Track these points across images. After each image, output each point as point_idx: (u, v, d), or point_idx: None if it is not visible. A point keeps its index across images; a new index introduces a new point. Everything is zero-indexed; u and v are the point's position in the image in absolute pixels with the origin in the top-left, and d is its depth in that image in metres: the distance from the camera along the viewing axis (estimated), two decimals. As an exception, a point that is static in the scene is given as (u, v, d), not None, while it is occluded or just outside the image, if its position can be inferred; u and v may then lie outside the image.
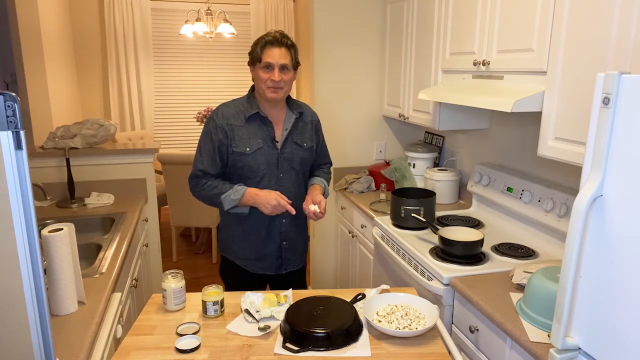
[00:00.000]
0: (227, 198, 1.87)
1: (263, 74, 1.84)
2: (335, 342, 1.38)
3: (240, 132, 1.89)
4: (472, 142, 2.65)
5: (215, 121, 1.89)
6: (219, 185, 1.89)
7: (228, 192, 1.87)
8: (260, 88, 1.88)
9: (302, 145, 1.99)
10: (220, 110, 1.92)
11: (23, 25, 3.59)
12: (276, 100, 1.90)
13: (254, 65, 1.88)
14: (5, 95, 0.89)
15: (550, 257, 1.89)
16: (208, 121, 1.92)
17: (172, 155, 3.90)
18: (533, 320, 1.42)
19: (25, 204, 0.93)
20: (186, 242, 4.75)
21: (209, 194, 1.89)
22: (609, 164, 0.99)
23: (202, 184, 1.90)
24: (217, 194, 1.88)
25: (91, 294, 1.63)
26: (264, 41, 1.85)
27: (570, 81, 1.52)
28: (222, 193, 1.88)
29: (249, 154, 1.89)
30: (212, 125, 1.89)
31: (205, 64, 5.54)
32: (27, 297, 0.96)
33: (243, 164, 1.89)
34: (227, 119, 1.90)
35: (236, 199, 1.87)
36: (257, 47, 1.85)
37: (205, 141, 1.90)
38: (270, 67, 1.83)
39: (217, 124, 1.89)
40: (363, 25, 3.03)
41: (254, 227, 1.96)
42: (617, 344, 0.99)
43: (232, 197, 1.87)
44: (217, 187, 1.89)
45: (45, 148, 2.72)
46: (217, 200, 1.89)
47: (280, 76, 1.84)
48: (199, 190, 1.91)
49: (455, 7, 2.18)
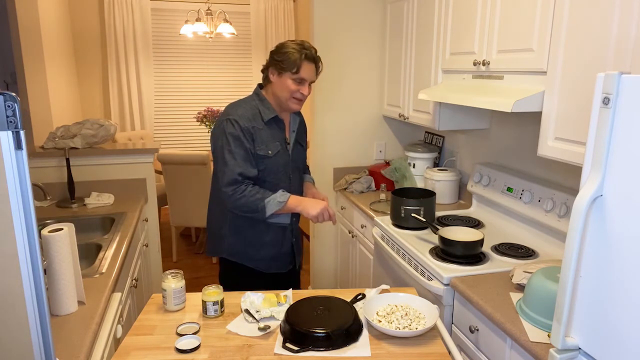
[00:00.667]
0: (273, 201, 1.82)
1: (293, 85, 1.85)
2: (335, 342, 1.38)
3: (261, 135, 1.87)
4: (472, 142, 2.65)
5: (239, 124, 1.83)
6: (260, 190, 1.84)
7: (273, 196, 1.83)
8: (283, 96, 1.87)
9: (302, 145, 2.08)
10: (240, 113, 1.86)
11: (23, 25, 3.59)
12: (296, 111, 1.97)
13: (282, 72, 1.84)
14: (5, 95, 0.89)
15: (550, 257, 1.89)
16: (230, 125, 1.83)
17: (172, 155, 3.91)
18: (533, 320, 1.42)
19: (25, 204, 0.93)
20: (186, 242, 4.75)
21: (250, 199, 1.80)
22: (609, 164, 0.99)
23: (241, 191, 1.80)
24: (260, 199, 1.81)
25: (91, 294, 1.63)
26: (304, 55, 1.82)
27: (570, 81, 1.52)
28: (265, 197, 1.82)
29: (271, 157, 1.89)
30: (237, 128, 1.82)
31: (205, 64, 5.54)
32: (27, 297, 0.96)
33: (265, 167, 1.88)
34: (249, 121, 1.85)
35: (283, 201, 1.83)
36: (295, 58, 1.81)
37: (236, 144, 1.82)
38: (303, 81, 1.85)
39: (243, 127, 1.83)
40: (363, 25, 3.03)
41: (269, 228, 1.96)
42: (617, 344, 0.99)
43: (279, 199, 1.83)
44: (258, 193, 1.82)
45: (45, 148, 2.72)
46: (260, 205, 1.81)
47: (309, 90, 1.89)
48: (239, 196, 1.80)
49: (455, 7, 2.18)
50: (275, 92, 1.90)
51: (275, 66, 1.86)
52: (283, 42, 1.88)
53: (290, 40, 1.90)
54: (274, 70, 1.88)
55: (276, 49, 1.87)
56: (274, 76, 1.88)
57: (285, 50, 1.83)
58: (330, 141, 3.14)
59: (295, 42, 1.86)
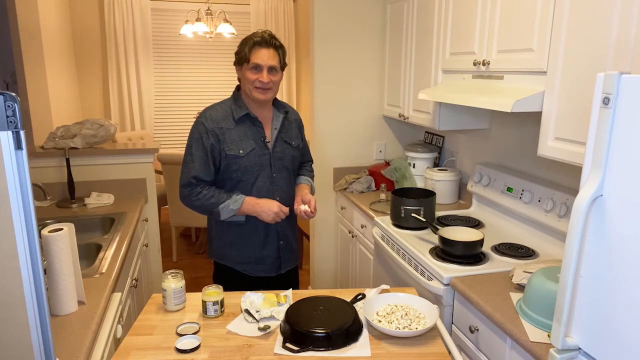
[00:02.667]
0: (226, 208, 1.83)
1: (251, 75, 1.83)
2: (335, 342, 1.38)
3: (231, 134, 1.86)
4: (472, 142, 2.65)
5: (204, 125, 1.85)
6: (215, 194, 1.84)
7: (227, 202, 1.83)
8: (247, 89, 1.86)
9: (290, 143, 1.99)
10: (208, 114, 1.88)
11: (23, 25, 3.59)
12: (265, 102, 1.90)
13: (241, 65, 1.86)
14: (5, 95, 0.89)
15: (550, 257, 1.89)
16: (196, 126, 1.87)
17: (172, 155, 3.90)
18: (533, 320, 1.42)
19: (25, 204, 0.93)
20: (186, 242, 4.75)
21: (205, 203, 1.83)
22: (609, 164, 0.99)
23: (196, 193, 1.83)
24: (214, 204, 1.83)
25: (91, 294, 1.63)
26: (252, 42, 1.81)
27: (570, 81, 1.52)
28: (219, 203, 1.83)
29: (243, 156, 1.86)
30: (201, 129, 1.84)
31: (205, 64, 5.54)
32: (27, 297, 0.96)
33: (237, 167, 1.86)
34: (216, 122, 1.86)
35: (235, 209, 1.84)
36: (245, 48, 1.82)
37: (196, 147, 1.84)
38: (258, 68, 1.82)
39: (207, 128, 1.84)
40: (363, 26, 3.03)
41: (251, 230, 1.94)
42: (617, 344, 0.99)
43: (231, 207, 1.84)
44: (213, 197, 1.83)
45: (45, 148, 2.72)
46: (214, 209, 1.84)
47: (269, 77, 1.83)
48: (193, 199, 1.83)
49: (455, 7, 2.18)
50: (243, 87, 1.91)
51: (236, 63, 1.89)
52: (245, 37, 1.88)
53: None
54: (236, 67, 1.90)
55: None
56: (238, 73, 1.91)
57: (240, 44, 1.86)
58: (330, 141, 3.13)
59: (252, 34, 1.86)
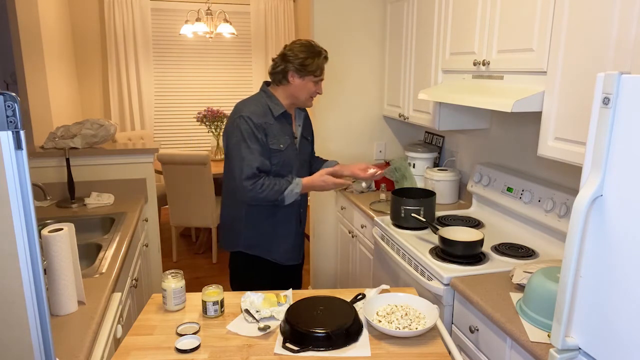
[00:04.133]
0: (290, 193, 1.94)
1: (313, 85, 1.98)
2: (335, 342, 1.38)
3: (272, 129, 1.96)
4: (472, 142, 2.65)
5: (253, 120, 1.90)
6: (276, 182, 1.93)
7: (290, 187, 1.94)
8: (303, 96, 1.99)
9: (307, 138, 2.17)
10: (252, 110, 1.93)
11: (23, 25, 3.59)
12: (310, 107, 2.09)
13: (305, 75, 1.94)
14: (5, 95, 0.89)
15: (550, 257, 1.89)
16: (243, 122, 1.90)
17: (172, 155, 3.91)
18: (533, 320, 1.42)
19: (25, 204, 0.93)
20: (186, 242, 4.75)
21: (269, 193, 1.90)
22: (609, 164, 0.99)
23: (260, 185, 1.89)
24: (279, 191, 1.92)
25: (91, 294, 1.63)
26: (323, 56, 1.95)
27: (570, 81, 1.52)
28: (283, 190, 1.93)
29: (283, 151, 1.98)
30: (251, 124, 1.90)
31: (205, 64, 5.54)
32: (27, 297, 0.96)
33: (278, 160, 1.97)
34: (261, 117, 1.93)
35: (298, 192, 1.96)
36: (317, 61, 1.93)
37: (251, 140, 1.89)
38: (320, 81, 1.99)
39: (256, 123, 1.91)
40: (363, 25, 3.03)
41: (285, 220, 2.07)
42: (617, 344, 0.99)
43: (295, 190, 1.95)
44: (276, 185, 1.92)
45: (45, 148, 2.72)
46: (279, 197, 1.92)
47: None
48: (259, 191, 1.89)
49: (455, 7, 2.18)
50: (294, 92, 1.98)
51: (297, 70, 1.93)
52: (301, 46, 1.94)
53: (300, 42, 1.96)
54: (294, 74, 1.94)
55: (296, 54, 1.92)
56: (294, 79, 1.95)
57: (308, 55, 1.92)
58: (330, 141, 3.14)
59: (312, 45, 1.94)
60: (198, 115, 4.52)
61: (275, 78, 2.00)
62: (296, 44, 1.96)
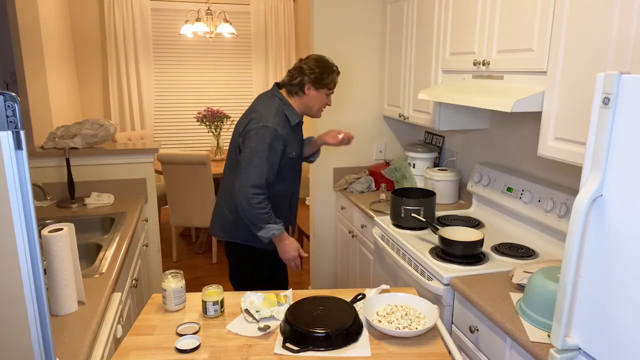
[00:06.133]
0: (271, 230, 2.00)
1: (326, 98, 2.12)
2: (335, 342, 1.38)
3: (290, 138, 2.07)
4: (472, 142, 2.65)
5: (277, 132, 1.99)
6: (271, 213, 2.01)
7: (275, 226, 2.01)
8: (316, 107, 2.12)
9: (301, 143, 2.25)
10: (277, 121, 2.01)
11: (23, 25, 3.59)
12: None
13: (320, 88, 2.07)
14: (5, 95, 0.89)
15: (550, 257, 1.89)
16: (269, 132, 1.97)
17: (172, 155, 3.91)
18: (533, 320, 1.42)
19: (25, 204, 0.93)
20: (186, 242, 4.75)
21: (261, 213, 1.98)
22: (609, 164, 0.99)
23: (260, 200, 1.97)
24: (266, 220, 1.99)
25: (91, 294, 1.63)
26: (336, 72, 2.10)
27: (570, 81, 1.52)
28: (269, 222, 2.00)
29: (296, 158, 2.13)
30: (275, 135, 1.98)
31: (205, 64, 5.54)
32: (27, 297, 0.96)
33: (291, 167, 2.11)
34: (284, 128, 2.03)
35: (277, 235, 2.02)
36: (331, 76, 2.08)
37: (270, 153, 1.97)
38: (331, 94, 2.14)
39: (280, 134, 2.00)
40: (363, 26, 3.03)
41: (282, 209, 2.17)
42: (617, 344, 0.99)
43: (275, 232, 2.01)
44: (268, 214, 2.00)
45: (45, 148, 2.72)
46: (262, 224, 1.99)
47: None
48: (257, 204, 1.96)
49: (455, 7, 2.18)
50: (308, 103, 2.11)
51: (313, 82, 2.05)
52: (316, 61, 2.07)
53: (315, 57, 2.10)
54: (311, 86, 2.06)
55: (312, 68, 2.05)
56: (310, 90, 2.07)
57: (323, 70, 2.06)
58: (330, 141, 3.13)
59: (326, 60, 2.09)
60: (198, 115, 4.52)
61: (291, 89, 2.09)
62: (311, 58, 2.09)
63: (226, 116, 4.50)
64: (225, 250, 2.23)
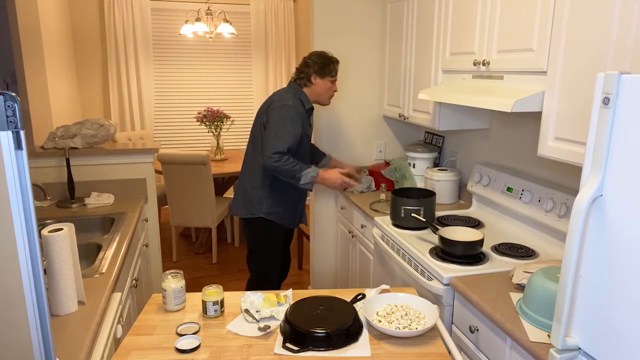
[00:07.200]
0: (308, 175, 2.33)
1: (332, 85, 2.49)
2: (335, 342, 1.38)
3: (305, 119, 2.43)
4: (472, 142, 2.65)
5: (297, 110, 2.36)
6: (299, 163, 2.33)
7: (308, 170, 2.34)
8: (325, 94, 2.49)
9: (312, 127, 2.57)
10: (295, 102, 2.38)
11: (23, 25, 3.59)
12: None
13: (325, 76, 2.44)
14: (5, 95, 0.89)
15: (550, 257, 1.89)
16: (291, 108, 2.34)
17: (172, 155, 3.91)
18: (533, 320, 1.42)
19: (25, 204, 0.93)
20: (186, 242, 4.75)
21: (291, 168, 2.30)
22: (609, 164, 0.99)
23: (286, 159, 2.29)
24: (299, 170, 2.32)
25: (91, 294, 1.63)
26: (336, 62, 2.48)
27: (570, 81, 1.52)
28: (302, 170, 2.32)
29: (309, 136, 2.49)
30: (296, 112, 2.35)
31: (205, 64, 5.54)
32: (27, 297, 0.96)
33: (305, 144, 2.45)
34: (301, 108, 2.40)
35: (314, 175, 2.35)
36: (332, 64, 2.45)
37: (292, 125, 2.32)
38: (335, 80, 2.50)
39: (299, 112, 2.36)
40: (363, 25, 3.03)
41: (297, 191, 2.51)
42: (617, 344, 0.99)
43: (312, 174, 2.34)
44: (297, 164, 2.32)
45: (45, 148, 2.72)
46: (297, 174, 2.31)
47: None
48: (284, 163, 2.28)
49: (455, 7, 2.18)
50: (317, 91, 2.47)
51: (317, 72, 2.43)
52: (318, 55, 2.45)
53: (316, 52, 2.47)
54: (316, 76, 2.44)
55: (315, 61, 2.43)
56: (316, 79, 2.45)
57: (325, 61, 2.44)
58: (330, 141, 3.14)
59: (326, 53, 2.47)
60: (198, 115, 4.52)
61: (300, 82, 2.47)
62: (313, 53, 2.46)
63: (226, 116, 4.50)
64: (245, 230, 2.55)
